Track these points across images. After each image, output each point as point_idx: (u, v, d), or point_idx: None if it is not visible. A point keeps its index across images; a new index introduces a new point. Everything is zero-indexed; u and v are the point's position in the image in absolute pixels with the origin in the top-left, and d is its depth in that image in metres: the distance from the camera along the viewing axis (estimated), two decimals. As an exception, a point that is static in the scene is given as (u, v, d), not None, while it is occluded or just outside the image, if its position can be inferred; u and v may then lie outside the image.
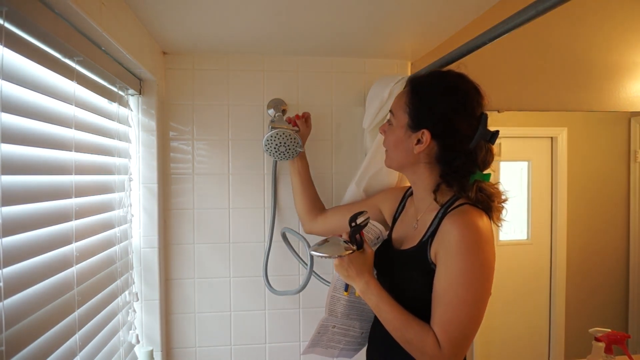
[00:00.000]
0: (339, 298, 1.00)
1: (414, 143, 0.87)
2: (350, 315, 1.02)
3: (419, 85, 0.89)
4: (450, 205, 0.85)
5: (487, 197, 0.84)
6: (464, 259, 0.77)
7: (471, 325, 0.78)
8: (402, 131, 0.89)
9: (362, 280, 0.87)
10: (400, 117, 0.90)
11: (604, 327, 1.39)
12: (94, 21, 0.72)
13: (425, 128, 0.85)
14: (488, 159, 0.87)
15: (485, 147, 0.86)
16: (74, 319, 0.79)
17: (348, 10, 0.96)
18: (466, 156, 0.84)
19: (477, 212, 0.81)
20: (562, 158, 1.79)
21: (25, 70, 0.65)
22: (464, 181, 0.84)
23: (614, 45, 1.67)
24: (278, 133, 1.14)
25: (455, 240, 0.78)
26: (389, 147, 0.95)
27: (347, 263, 0.88)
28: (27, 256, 0.64)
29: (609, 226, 1.84)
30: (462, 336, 0.78)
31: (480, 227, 0.79)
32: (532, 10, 0.71)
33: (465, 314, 0.77)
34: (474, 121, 0.84)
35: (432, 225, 0.85)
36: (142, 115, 1.18)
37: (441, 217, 0.84)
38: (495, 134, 0.84)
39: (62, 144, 0.77)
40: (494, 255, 0.80)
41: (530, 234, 1.83)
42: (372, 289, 0.86)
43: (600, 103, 1.67)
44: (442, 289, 0.79)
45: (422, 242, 0.86)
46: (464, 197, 0.84)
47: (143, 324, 1.20)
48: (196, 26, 1.06)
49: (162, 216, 1.24)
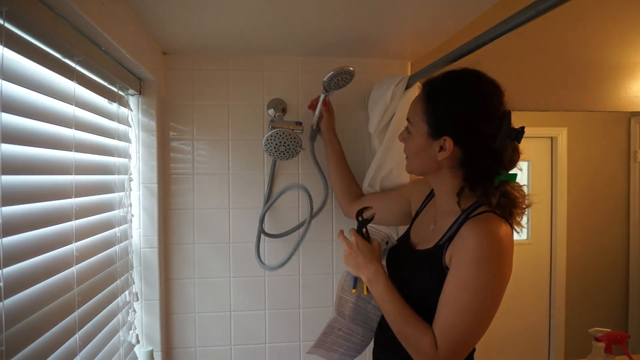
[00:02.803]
0: (346, 300, 1.00)
1: (437, 150, 0.84)
2: (355, 319, 1.01)
3: (434, 91, 0.85)
4: (472, 212, 0.82)
5: (511, 202, 0.81)
6: (478, 267, 0.75)
7: (473, 334, 0.77)
8: (422, 140, 0.86)
9: (372, 268, 0.88)
10: (419, 126, 0.86)
11: (604, 327, 1.39)
12: (94, 21, 0.72)
13: (447, 135, 0.82)
14: (515, 158, 0.83)
15: (510, 146, 0.82)
16: (74, 319, 0.79)
17: (348, 10, 0.96)
18: (491, 157, 0.81)
19: (499, 220, 0.79)
20: (562, 158, 1.79)
21: (25, 70, 0.65)
22: (488, 185, 0.81)
23: (614, 45, 1.67)
24: (278, 133, 1.14)
25: (473, 247, 0.76)
26: (410, 155, 0.92)
27: (356, 251, 0.90)
28: (27, 256, 0.64)
29: (609, 226, 1.84)
30: (461, 343, 0.77)
31: (501, 238, 0.76)
32: (532, 10, 0.71)
33: (468, 321, 0.76)
34: (497, 120, 0.80)
35: (450, 230, 0.83)
36: (142, 115, 1.18)
37: (461, 222, 0.81)
38: (521, 132, 0.81)
39: (62, 144, 0.77)
40: (511, 267, 0.79)
41: (530, 234, 1.83)
42: (380, 278, 0.87)
43: (600, 103, 1.67)
44: (450, 293, 0.78)
45: (439, 245, 0.84)
46: (486, 204, 0.81)
47: (143, 324, 1.20)
48: (196, 26, 1.06)
49: (162, 216, 1.24)
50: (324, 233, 1.35)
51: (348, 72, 1.07)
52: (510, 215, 0.82)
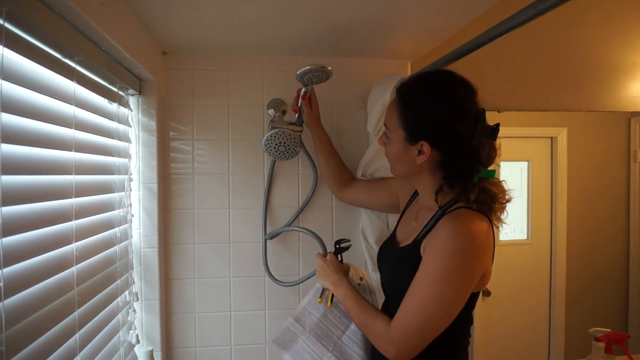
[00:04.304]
0: (310, 312, 1.04)
1: (415, 154, 0.85)
2: (321, 337, 1.01)
3: (407, 96, 0.87)
4: (448, 207, 0.84)
5: (490, 197, 0.82)
6: (446, 260, 0.77)
7: (430, 324, 0.78)
8: (401, 145, 0.87)
9: (337, 275, 1.00)
10: (396, 132, 0.88)
11: (604, 327, 1.39)
12: (94, 21, 0.72)
13: (424, 139, 0.83)
14: (491, 156, 0.84)
15: (487, 143, 0.83)
16: (74, 319, 0.79)
17: (348, 10, 0.96)
18: (468, 157, 0.82)
19: (475, 216, 0.80)
20: (562, 158, 1.79)
21: (25, 70, 0.65)
22: (467, 182, 0.82)
23: (614, 45, 1.67)
24: (278, 133, 1.14)
25: (443, 240, 0.78)
26: (391, 159, 0.94)
27: (328, 264, 1.03)
28: (27, 256, 0.64)
29: (608, 226, 1.84)
30: (416, 330, 0.78)
31: (474, 234, 0.78)
32: (532, 10, 0.71)
33: (428, 310, 0.78)
34: (472, 120, 0.81)
35: (427, 225, 0.86)
36: (142, 115, 1.18)
37: (438, 218, 0.84)
38: (496, 129, 0.83)
39: (62, 144, 0.77)
40: (484, 263, 0.80)
41: (530, 234, 1.83)
42: (343, 283, 0.98)
43: (600, 103, 1.67)
44: (416, 281, 0.80)
45: (417, 240, 0.86)
46: (464, 200, 0.83)
47: (143, 324, 1.20)
48: (196, 26, 1.06)
49: (162, 216, 1.24)
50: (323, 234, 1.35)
51: (322, 70, 1.06)
52: (490, 211, 0.83)
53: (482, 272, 0.80)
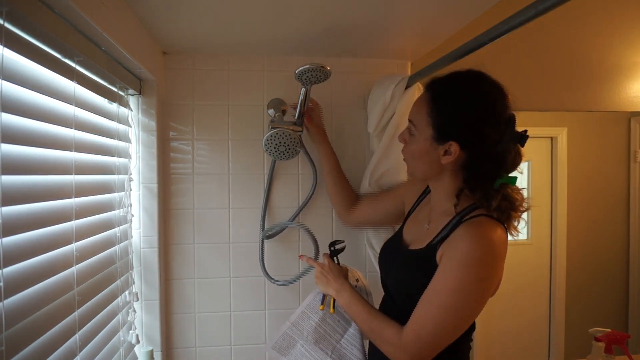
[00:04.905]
0: (309, 317, 1.03)
1: (441, 154, 0.83)
2: (319, 341, 1.01)
3: (439, 94, 0.84)
4: (466, 214, 0.81)
5: (511, 205, 0.80)
6: (466, 270, 0.75)
7: (446, 332, 0.78)
8: (426, 143, 0.84)
9: (339, 281, 0.97)
10: (423, 129, 0.84)
11: (604, 327, 1.39)
12: (94, 21, 0.72)
13: (453, 140, 0.80)
14: (517, 162, 0.82)
15: (514, 149, 0.81)
16: (74, 319, 0.79)
17: (348, 10, 0.96)
18: (494, 161, 0.80)
19: (496, 226, 0.78)
20: (562, 158, 1.79)
21: (25, 70, 0.65)
22: (488, 187, 0.80)
23: (614, 45, 1.67)
24: (278, 133, 1.14)
25: (463, 249, 0.76)
26: (410, 158, 0.90)
27: (327, 270, 1.00)
28: (27, 256, 0.64)
29: (608, 226, 1.84)
30: (430, 337, 0.77)
31: (494, 243, 0.76)
32: (532, 10, 0.71)
33: (443, 319, 0.76)
34: (503, 125, 0.79)
35: (444, 230, 0.83)
36: (142, 115, 1.18)
37: (455, 224, 0.81)
38: (525, 136, 0.80)
39: (62, 144, 0.77)
40: (500, 273, 0.79)
41: (530, 234, 1.83)
42: (346, 288, 0.96)
43: (600, 103, 1.67)
44: (432, 289, 0.78)
45: (431, 245, 0.84)
46: (485, 207, 0.80)
47: (143, 324, 1.20)
48: (196, 26, 1.06)
49: (162, 216, 1.24)
50: (323, 234, 1.35)
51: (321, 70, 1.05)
52: (507, 219, 0.81)
53: (498, 281, 0.80)
